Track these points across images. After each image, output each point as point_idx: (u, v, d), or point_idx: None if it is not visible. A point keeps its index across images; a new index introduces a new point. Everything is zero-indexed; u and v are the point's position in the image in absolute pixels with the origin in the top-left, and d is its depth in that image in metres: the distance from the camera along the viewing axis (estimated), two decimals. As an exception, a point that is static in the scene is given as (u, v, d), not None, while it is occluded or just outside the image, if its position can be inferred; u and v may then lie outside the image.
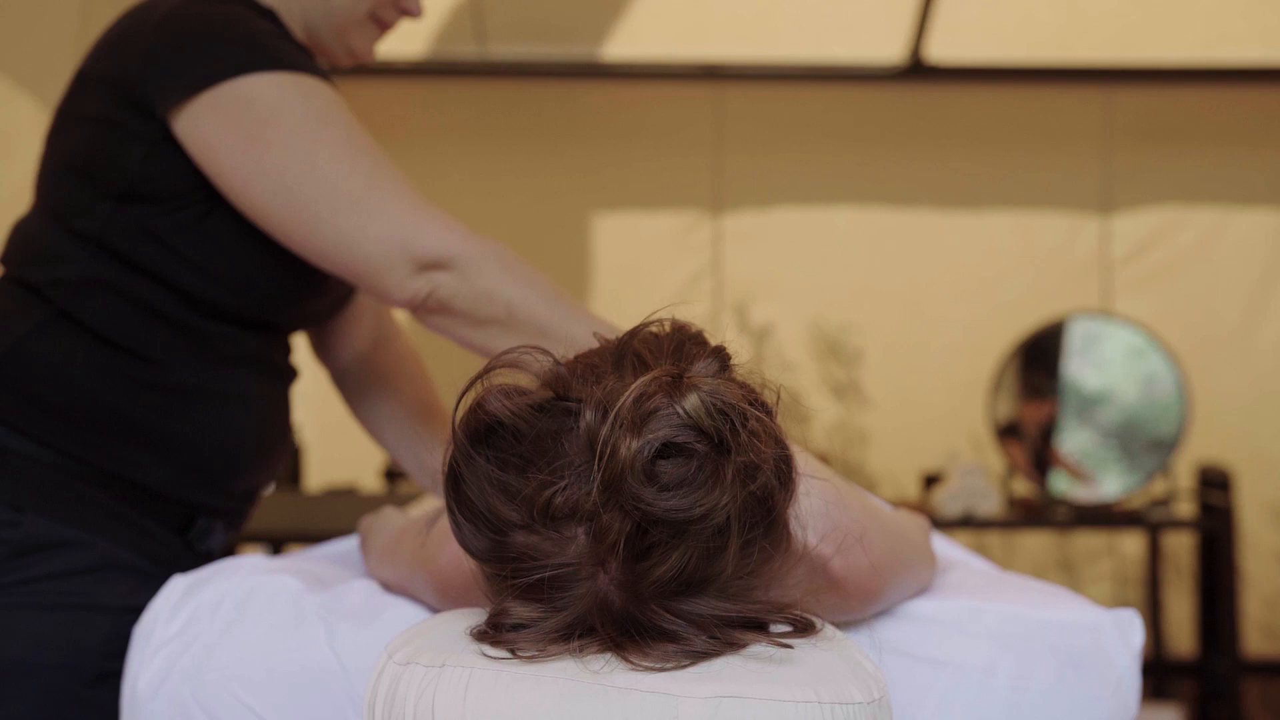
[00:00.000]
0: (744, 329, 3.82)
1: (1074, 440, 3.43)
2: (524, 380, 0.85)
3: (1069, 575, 3.71)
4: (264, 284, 1.26)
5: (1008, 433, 3.43)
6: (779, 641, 0.82)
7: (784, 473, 0.89)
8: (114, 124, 1.22)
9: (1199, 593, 3.42)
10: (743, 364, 0.89)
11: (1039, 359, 3.47)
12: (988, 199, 3.81)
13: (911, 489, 3.63)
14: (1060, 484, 3.35)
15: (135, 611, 1.22)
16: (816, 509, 1.04)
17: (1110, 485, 3.35)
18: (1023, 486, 3.41)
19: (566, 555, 0.80)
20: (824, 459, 3.42)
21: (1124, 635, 1.14)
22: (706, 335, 0.91)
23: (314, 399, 2.35)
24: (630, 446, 0.77)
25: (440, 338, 1.24)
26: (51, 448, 1.20)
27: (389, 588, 1.18)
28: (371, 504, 3.31)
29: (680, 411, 0.78)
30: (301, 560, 1.32)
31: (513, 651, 0.79)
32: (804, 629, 0.87)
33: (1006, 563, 3.70)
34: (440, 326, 1.22)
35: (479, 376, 0.86)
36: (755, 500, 0.82)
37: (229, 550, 1.45)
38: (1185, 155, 3.76)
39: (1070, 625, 1.12)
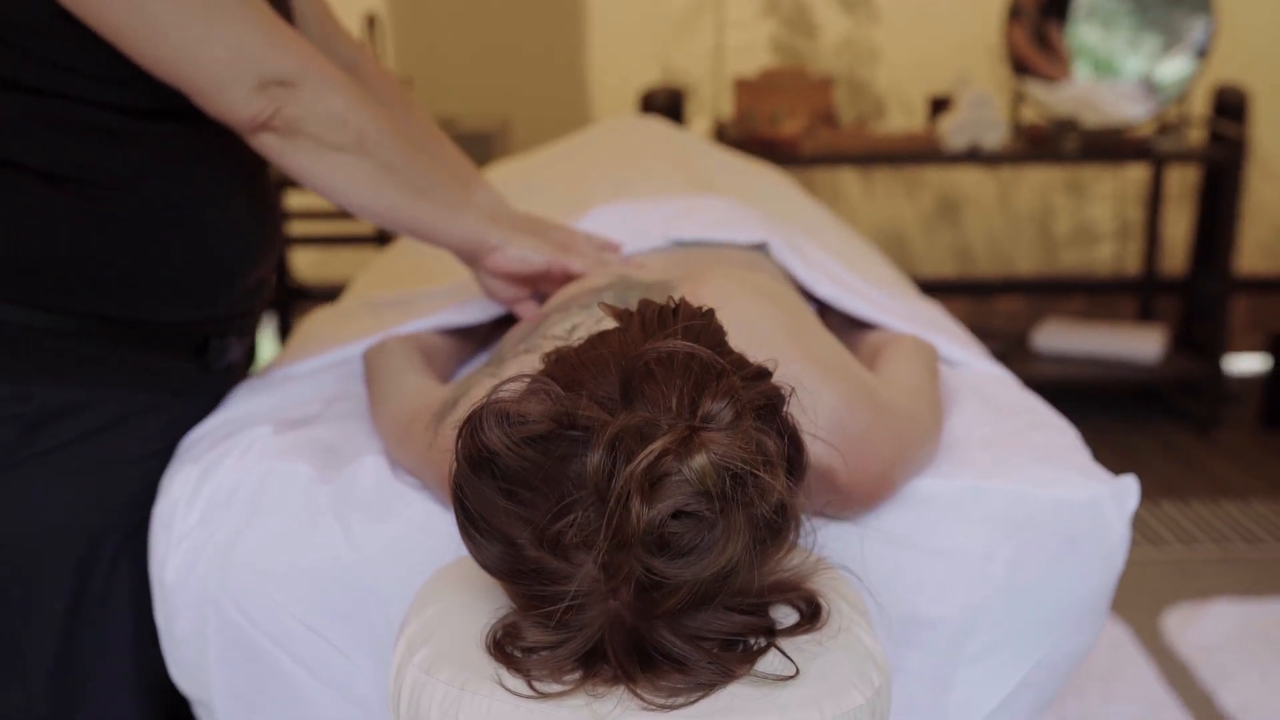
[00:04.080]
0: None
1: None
2: (524, 403, 0.82)
3: (1075, 197, 3.70)
4: None
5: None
6: (785, 654, 0.85)
7: (795, 474, 0.88)
8: None
9: (1199, 215, 3.42)
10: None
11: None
12: None
13: (919, 113, 3.53)
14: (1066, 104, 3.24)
15: (164, 454, 1.25)
16: (825, 418, 1.03)
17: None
18: (1031, 113, 3.32)
19: (577, 582, 0.81)
20: (830, 82, 3.32)
21: (1120, 504, 1.17)
22: (719, 335, 0.87)
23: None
24: (641, 515, 0.76)
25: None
26: (46, 309, 1.17)
27: (400, 465, 1.19)
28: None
29: (690, 478, 0.77)
30: (304, 407, 1.32)
31: (530, 684, 0.82)
32: (811, 615, 0.90)
33: (1014, 186, 3.68)
34: (282, 153, 1.17)
35: (480, 407, 0.83)
36: (765, 523, 0.82)
37: (250, 355, 1.45)
38: None
39: (1070, 505, 1.14)
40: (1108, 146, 3.23)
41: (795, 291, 1.35)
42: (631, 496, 0.76)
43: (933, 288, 3.38)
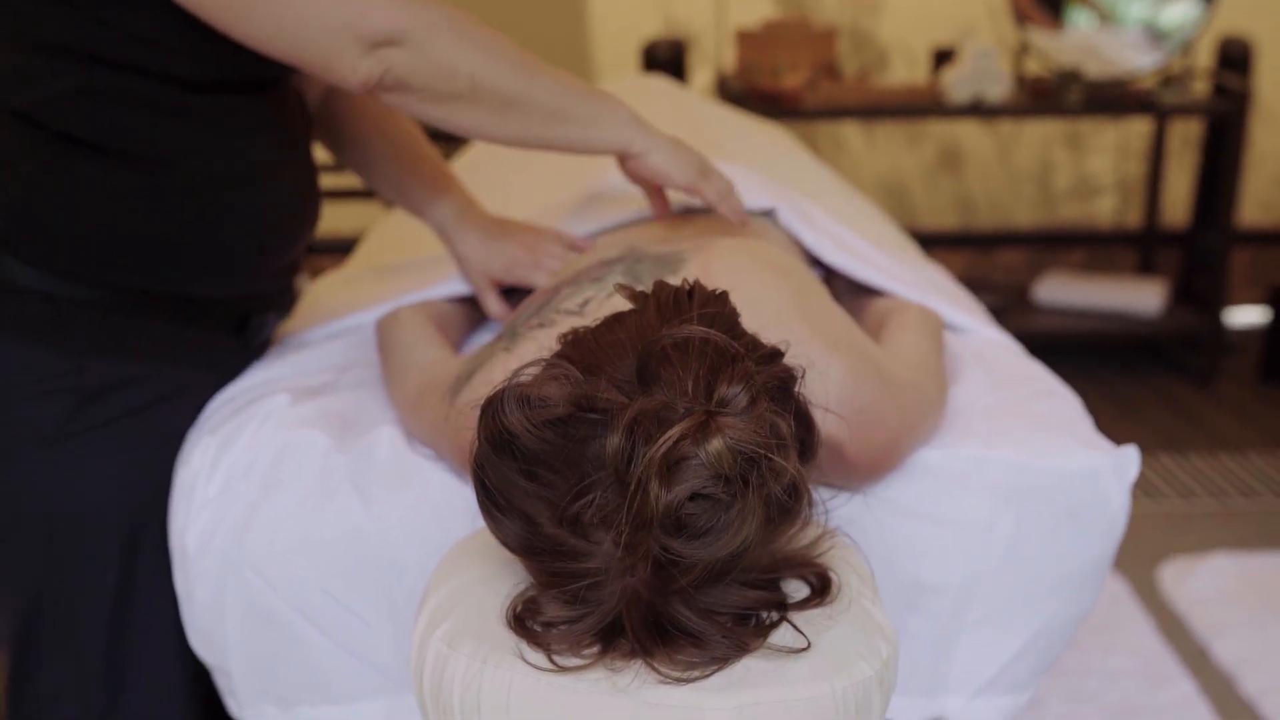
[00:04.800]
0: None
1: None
2: (543, 387, 0.84)
3: (1075, 151, 3.69)
4: (233, 44, 1.17)
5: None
6: (796, 628, 0.87)
7: (806, 454, 0.90)
8: None
9: (1201, 168, 3.42)
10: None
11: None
12: None
13: (922, 64, 3.52)
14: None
15: None
16: (833, 392, 1.05)
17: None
18: (1035, 65, 3.31)
19: (596, 560, 0.84)
20: (833, 33, 3.31)
21: (1120, 475, 1.19)
22: (733, 318, 0.89)
23: None
24: (660, 498, 0.78)
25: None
26: (96, 284, 1.19)
27: (414, 437, 1.21)
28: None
29: (707, 462, 0.79)
30: (318, 375, 1.33)
31: (550, 659, 0.85)
32: (821, 589, 0.92)
33: (1015, 139, 3.68)
34: (399, 104, 1.18)
35: (501, 390, 0.85)
36: (778, 503, 0.84)
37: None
38: None
39: (1071, 475, 1.16)
40: (1111, 99, 3.22)
41: (801, 260, 1.37)
42: (650, 480, 0.78)
43: (934, 240, 3.40)
